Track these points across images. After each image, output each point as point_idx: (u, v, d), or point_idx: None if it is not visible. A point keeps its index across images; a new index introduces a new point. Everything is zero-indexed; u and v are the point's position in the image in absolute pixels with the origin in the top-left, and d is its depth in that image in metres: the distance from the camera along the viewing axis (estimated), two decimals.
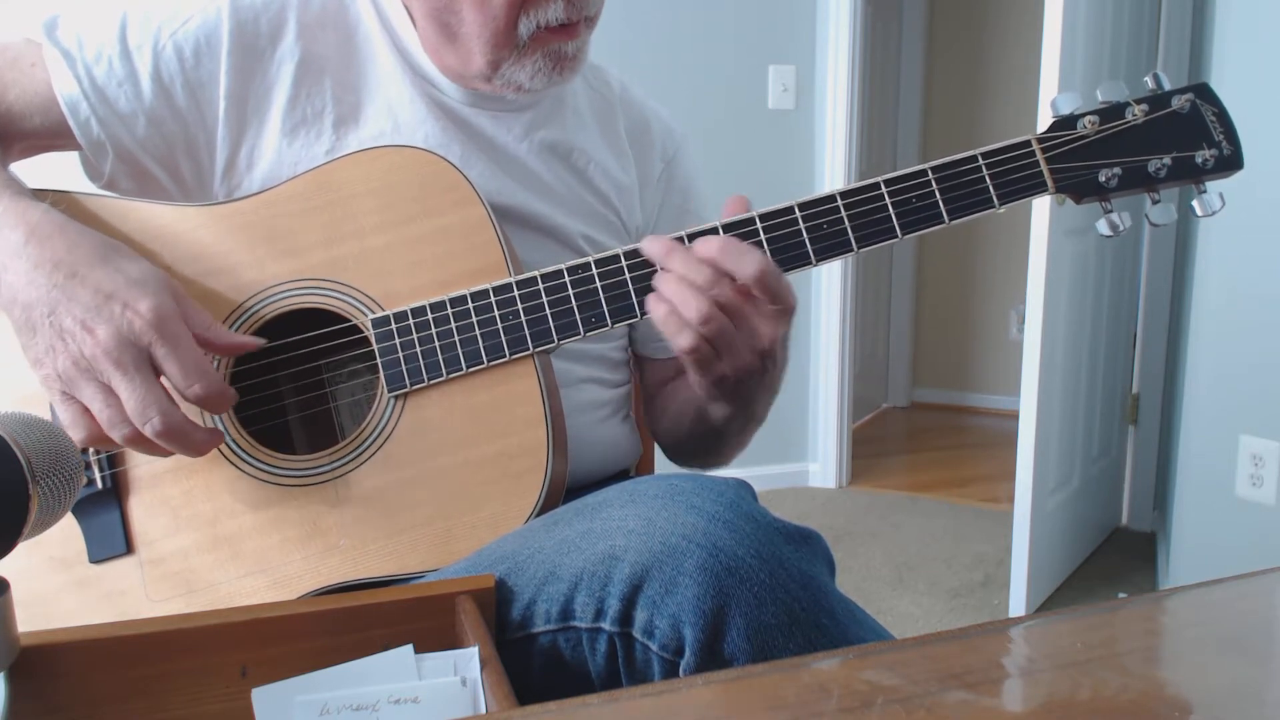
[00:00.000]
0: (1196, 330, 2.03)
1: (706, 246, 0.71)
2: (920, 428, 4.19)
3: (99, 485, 0.76)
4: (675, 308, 0.71)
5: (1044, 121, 0.77)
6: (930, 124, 4.34)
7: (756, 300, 0.72)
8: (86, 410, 0.69)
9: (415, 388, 0.76)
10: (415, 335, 0.76)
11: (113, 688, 0.56)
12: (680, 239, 0.74)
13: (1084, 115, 0.75)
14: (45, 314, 0.68)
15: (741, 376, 0.75)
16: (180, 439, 0.69)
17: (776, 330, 0.74)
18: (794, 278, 0.76)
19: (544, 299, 0.75)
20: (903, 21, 4.22)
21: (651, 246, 0.73)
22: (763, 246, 0.74)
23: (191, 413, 0.74)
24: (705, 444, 0.95)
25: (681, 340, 0.71)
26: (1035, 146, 0.75)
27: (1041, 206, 2.14)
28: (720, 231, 0.74)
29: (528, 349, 0.75)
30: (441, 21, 0.82)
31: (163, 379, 0.69)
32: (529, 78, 0.83)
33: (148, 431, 0.68)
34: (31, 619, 0.72)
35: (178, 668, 0.56)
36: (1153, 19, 2.64)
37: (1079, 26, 2.12)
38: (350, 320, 0.77)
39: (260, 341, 0.75)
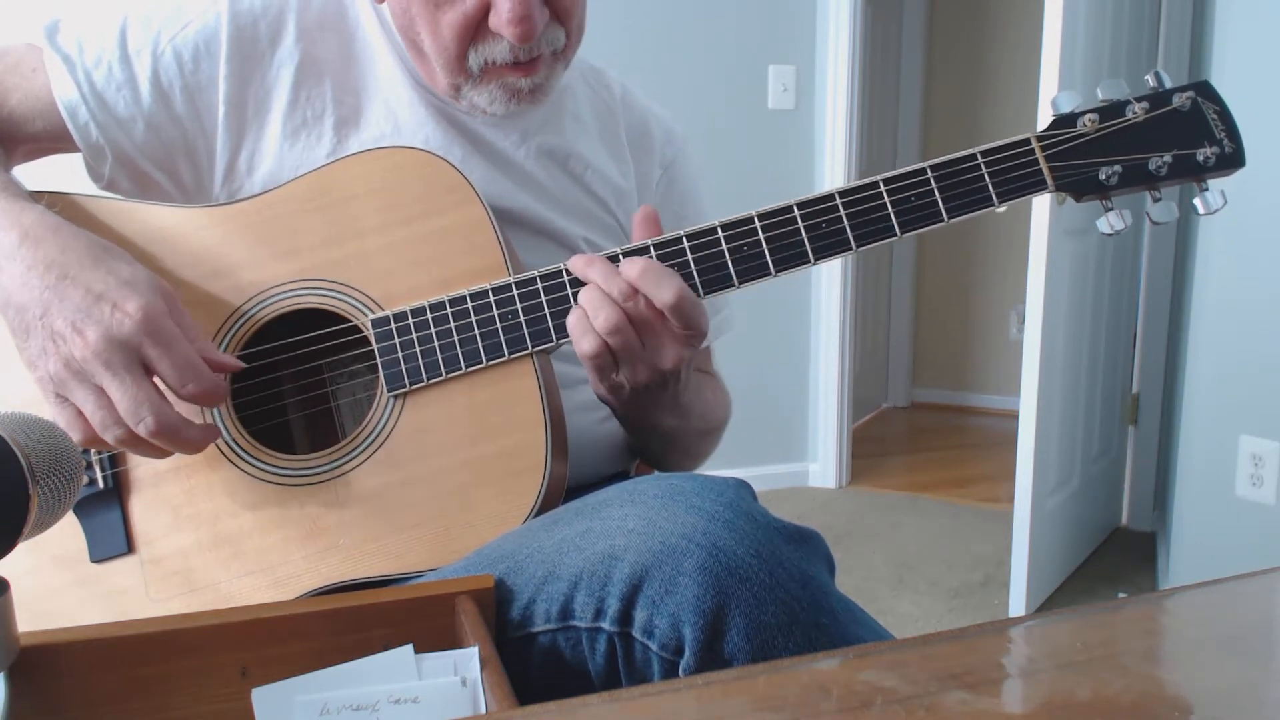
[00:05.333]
0: (1196, 330, 2.03)
1: (630, 268, 0.72)
2: (920, 428, 4.19)
3: (100, 485, 0.76)
4: (586, 314, 0.72)
5: (1044, 120, 0.77)
6: (930, 124, 4.34)
7: (668, 322, 0.73)
8: (80, 412, 0.69)
9: (415, 387, 0.76)
10: (415, 335, 0.76)
11: (113, 688, 0.56)
12: (614, 257, 0.74)
13: (1084, 113, 0.75)
14: (38, 316, 0.68)
15: (637, 389, 0.76)
16: (174, 437, 0.69)
17: (682, 353, 0.75)
18: (793, 277, 0.76)
19: (543, 299, 0.75)
20: (903, 21, 4.22)
21: (575, 261, 0.75)
22: (689, 270, 0.74)
23: (189, 410, 0.74)
24: (645, 453, 0.98)
25: (584, 344, 0.73)
26: (1035, 145, 0.74)
27: (1042, 206, 2.14)
28: (651, 251, 0.75)
29: (527, 349, 0.75)
30: (409, 39, 0.84)
31: (155, 379, 0.69)
32: (488, 103, 0.84)
33: (141, 431, 0.67)
34: (32, 619, 0.72)
35: (178, 668, 0.56)
36: (1153, 18, 2.64)
37: (1079, 26, 2.12)
38: (350, 320, 0.77)
39: (240, 364, 0.74)
